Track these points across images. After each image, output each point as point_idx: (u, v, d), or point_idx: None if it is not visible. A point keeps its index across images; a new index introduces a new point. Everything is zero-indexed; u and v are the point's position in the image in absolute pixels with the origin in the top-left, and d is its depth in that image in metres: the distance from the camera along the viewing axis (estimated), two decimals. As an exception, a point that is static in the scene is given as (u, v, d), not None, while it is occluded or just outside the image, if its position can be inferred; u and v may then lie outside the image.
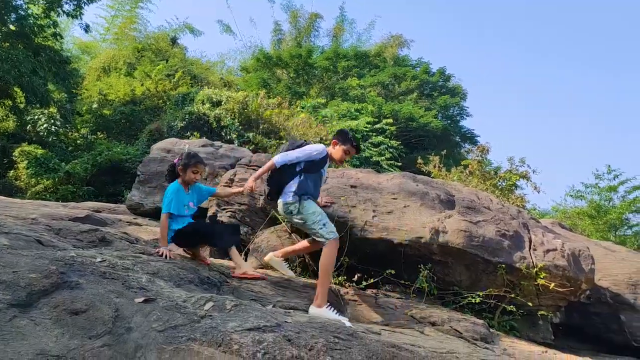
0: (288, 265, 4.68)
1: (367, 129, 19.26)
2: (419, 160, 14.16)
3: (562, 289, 4.88)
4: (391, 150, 18.99)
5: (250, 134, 14.97)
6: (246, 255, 5.37)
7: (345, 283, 4.75)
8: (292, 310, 3.63)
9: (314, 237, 4.25)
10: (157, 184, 7.30)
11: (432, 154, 15.37)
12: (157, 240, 4.61)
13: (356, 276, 4.84)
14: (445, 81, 25.40)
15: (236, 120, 15.22)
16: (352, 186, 5.22)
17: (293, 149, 4.38)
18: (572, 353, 4.99)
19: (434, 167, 14.43)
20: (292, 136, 16.11)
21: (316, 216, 4.14)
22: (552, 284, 4.78)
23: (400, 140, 19.84)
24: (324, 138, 17.38)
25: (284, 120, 17.24)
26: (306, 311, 3.77)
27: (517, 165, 15.30)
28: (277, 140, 15.67)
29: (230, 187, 5.90)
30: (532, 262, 4.86)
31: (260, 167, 6.38)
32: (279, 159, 4.26)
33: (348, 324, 3.73)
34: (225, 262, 4.73)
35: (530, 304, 4.83)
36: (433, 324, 4.10)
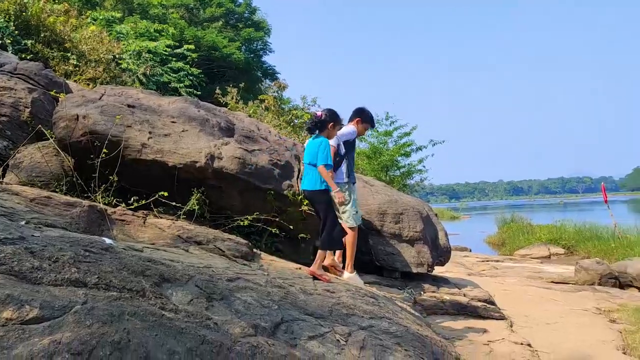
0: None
1: (167, 53, 18.35)
2: (217, 91, 14.10)
3: (322, 215, 5.46)
4: (191, 78, 18.46)
5: (29, 42, 13.16)
6: (4, 171, 4.90)
7: (114, 203, 4.66)
8: (47, 227, 3.47)
9: (340, 217, 4.90)
10: None
11: (231, 86, 15.41)
12: None
13: (132, 199, 4.78)
14: (251, 14, 25.29)
15: (11, 23, 13.22)
16: (129, 106, 5.05)
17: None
18: (326, 270, 5.65)
19: (232, 99, 14.52)
20: (79, 50, 14.64)
21: (355, 204, 5.03)
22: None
23: (201, 69, 19.39)
24: (116, 56, 16.15)
25: (70, 31, 15.49)
26: (65, 229, 3.65)
27: (309, 104, 16.20)
28: (61, 52, 14.11)
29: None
30: (299, 190, 5.34)
31: (27, 75, 5.79)
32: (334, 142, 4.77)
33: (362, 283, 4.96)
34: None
35: (292, 227, 5.32)
36: (199, 243, 4.29)
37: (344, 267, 5.20)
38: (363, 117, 5.34)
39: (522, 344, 5.14)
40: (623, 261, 11.32)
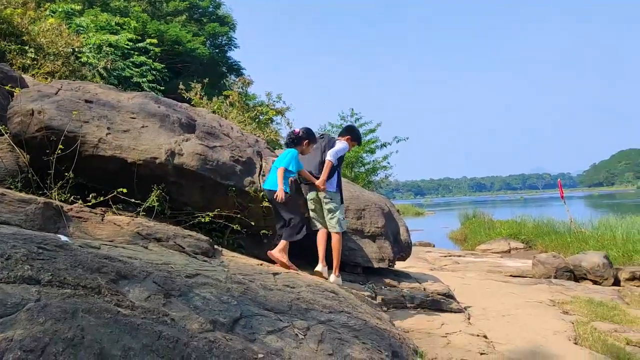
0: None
1: (129, 47, 18.01)
2: (181, 86, 13.95)
3: (284, 211, 5.49)
4: (154, 72, 18.17)
5: (-15, 35, 12.76)
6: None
7: (71, 200, 4.58)
8: (0, 224, 3.40)
9: (328, 223, 5.53)
10: None
11: (195, 81, 15.25)
12: None
13: (90, 195, 4.71)
14: (215, 8, 25.03)
15: (-35, 15, 12.75)
16: (87, 101, 4.96)
17: (332, 146, 5.59)
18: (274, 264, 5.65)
19: (196, 94, 14.39)
20: (37, 43, 14.23)
21: (342, 211, 5.62)
22: (275, 207, 5.34)
23: (164, 64, 19.09)
24: (76, 50, 15.78)
25: (28, 23, 15.06)
26: (19, 226, 3.58)
27: (274, 101, 16.20)
28: (19, 45, 13.71)
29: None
30: (260, 187, 5.35)
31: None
32: (332, 158, 5.46)
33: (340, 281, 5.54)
34: None
35: (253, 223, 5.34)
36: (158, 240, 4.26)
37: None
38: (353, 135, 6.04)
39: (478, 335, 5.29)
40: (578, 255, 11.73)
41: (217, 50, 24.41)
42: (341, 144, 5.66)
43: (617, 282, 10.41)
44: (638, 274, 10.52)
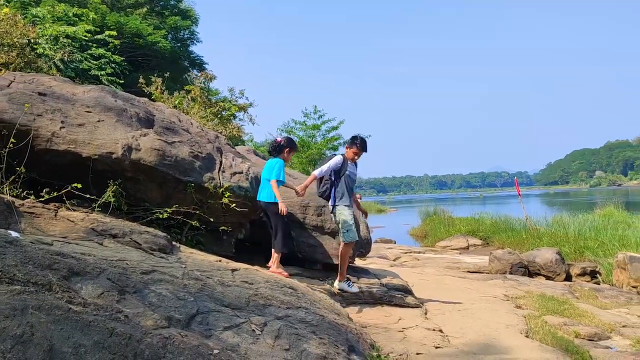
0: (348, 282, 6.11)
1: (87, 38, 17.51)
2: (141, 80, 13.68)
3: (243, 209, 5.49)
4: (113, 65, 17.70)
5: None
6: None
7: (24, 196, 4.46)
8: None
9: (340, 234, 5.88)
10: None
11: (155, 75, 14.97)
12: None
13: (44, 191, 4.59)
14: (177, 1, 24.58)
15: None
16: (40, 93, 4.83)
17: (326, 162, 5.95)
18: (248, 263, 5.68)
19: (156, 89, 14.14)
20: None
21: (345, 223, 5.83)
22: (234, 204, 5.33)
23: (124, 57, 18.64)
24: (32, 41, 15.27)
25: (-20, 13, 14.51)
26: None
27: (236, 97, 16.09)
28: (-30, 35, 13.19)
29: None
30: (220, 183, 5.33)
31: None
32: (317, 172, 5.86)
33: (356, 289, 6.08)
34: None
35: (212, 219, 5.31)
36: (114, 236, 4.19)
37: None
38: (350, 143, 6.25)
39: (434, 329, 5.41)
40: (532, 251, 12.09)
41: (179, 44, 23.96)
42: (333, 160, 5.95)
43: (568, 278, 10.78)
44: (588, 270, 10.94)
